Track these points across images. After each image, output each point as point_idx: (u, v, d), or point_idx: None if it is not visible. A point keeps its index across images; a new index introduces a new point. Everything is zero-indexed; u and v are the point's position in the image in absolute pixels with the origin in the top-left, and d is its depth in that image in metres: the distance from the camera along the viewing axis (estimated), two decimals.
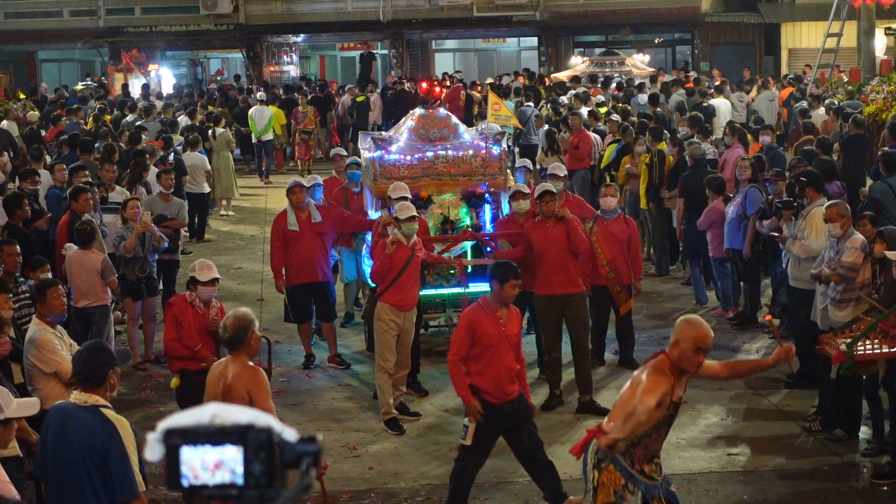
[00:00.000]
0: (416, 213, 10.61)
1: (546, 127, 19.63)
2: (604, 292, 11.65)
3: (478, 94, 27.70)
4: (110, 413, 5.73)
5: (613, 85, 26.23)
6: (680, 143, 15.33)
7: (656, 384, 6.12)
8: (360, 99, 27.64)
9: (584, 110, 20.24)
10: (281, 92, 29.23)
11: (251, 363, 7.07)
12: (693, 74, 28.15)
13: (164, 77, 32.97)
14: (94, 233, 11.05)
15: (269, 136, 25.14)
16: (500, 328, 8.04)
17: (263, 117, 24.93)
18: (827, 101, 20.09)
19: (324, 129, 27.70)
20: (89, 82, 31.52)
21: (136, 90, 29.19)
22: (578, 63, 30.65)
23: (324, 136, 27.58)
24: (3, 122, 21.79)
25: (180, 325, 9.00)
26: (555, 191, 11.11)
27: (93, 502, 5.67)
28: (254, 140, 25.16)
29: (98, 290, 10.92)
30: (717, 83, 24.65)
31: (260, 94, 27.22)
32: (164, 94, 29.92)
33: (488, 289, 12.09)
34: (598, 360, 11.81)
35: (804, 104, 20.62)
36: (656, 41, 34.90)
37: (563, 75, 28.79)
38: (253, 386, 6.88)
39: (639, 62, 29.63)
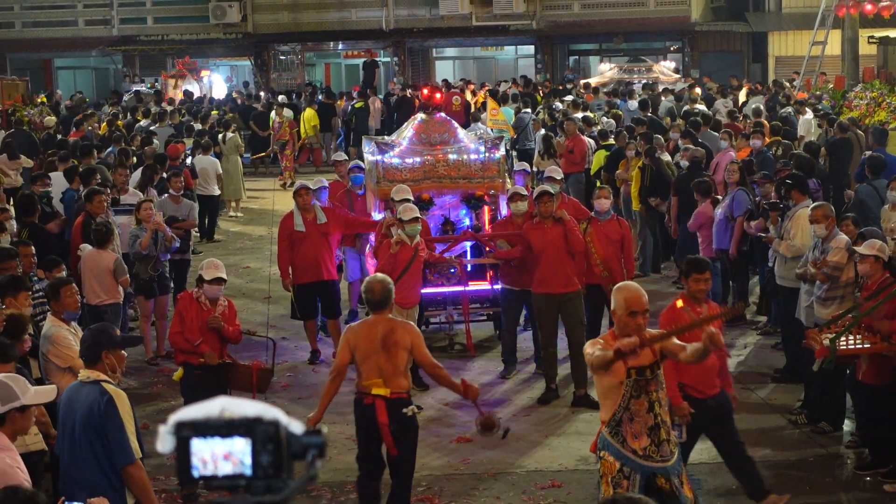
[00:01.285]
0: (418, 215, 10.64)
1: (542, 131, 19.63)
2: (598, 290, 11.63)
3: (470, 96, 27.71)
4: (109, 387, 5.95)
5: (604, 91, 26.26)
6: (653, 152, 15.27)
7: (594, 343, 6.22)
8: (358, 105, 27.56)
9: (579, 115, 20.24)
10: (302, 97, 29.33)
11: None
12: (690, 81, 28.18)
13: (216, 83, 32.92)
14: (109, 234, 11.07)
15: (313, 133, 26.01)
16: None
17: (308, 116, 26.02)
18: (814, 108, 20.10)
19: (328, 133, 27.72)
20: (145, 87, 31.48)
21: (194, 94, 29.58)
22: (607, 70, 30.16)
23: (328, 141, 27.59)
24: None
25: (183, 319, 8.91)
26: (553, 192, 11.11)
27: (96, 469, 5.91)
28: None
29: (111, 288, 10.92)
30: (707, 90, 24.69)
31: (281, 98, 27.44)
32: (215, 100, 30.10)
33: (487, 287, 12.19)
34: None
35: (789, 109, 20.63)
36: (672, 48, 34.33)
37: (593, 81, 28.38)
38: (415, 335, 7.72)
39: (665, 69, 29.12)
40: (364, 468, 7.77)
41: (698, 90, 24.82)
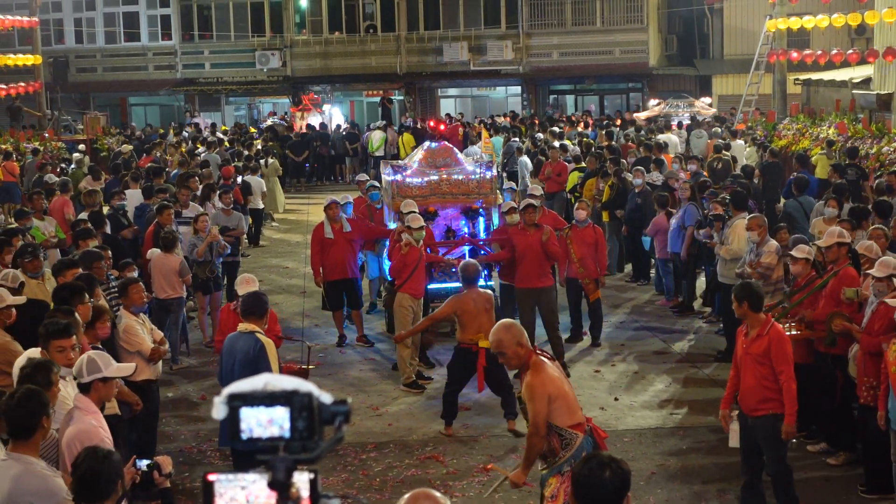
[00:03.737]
0: (424, 223, 10.72)
1: (524, 157, 19.65)
2: (575, 283, 11.70)
3: (475, 132, 27.70)
4: (261, 336, 6.90)
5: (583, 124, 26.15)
6: (619, 173, 15.23)
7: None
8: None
9: (557, 143, 20.21)
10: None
11: None
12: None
13: (335, 115, 32.72)
14: (175, 240, 11.06)
15: (380, 152, 26.33)
16: (742, 344, 6.77)
17: (375, 139, 26.97)
18: (751, 137, 20.07)
19: (355, 157, 27.87)
20: (277, 119, 31.43)
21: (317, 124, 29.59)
22: (654, 105, 29.04)
23: (355, 163, 27.82)
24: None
25: (222, 330, 8.52)
26: (536, 205, 11.13)
27: None
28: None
29: (176, 285, 10.90)
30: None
31: (377, 123, 28.90)
32: (338, 126, 30.07)
33: (484, 284, 12.17)
34: (577, 337, 11.80)
35: (728, 139, 20.60)
36: (632, 89, 33.47)
37: (642, 115, 27.28)
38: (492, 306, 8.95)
39: (704, 104, 28.10)
40: (452, 389, 8.98)
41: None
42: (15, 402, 4.69)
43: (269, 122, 30.50)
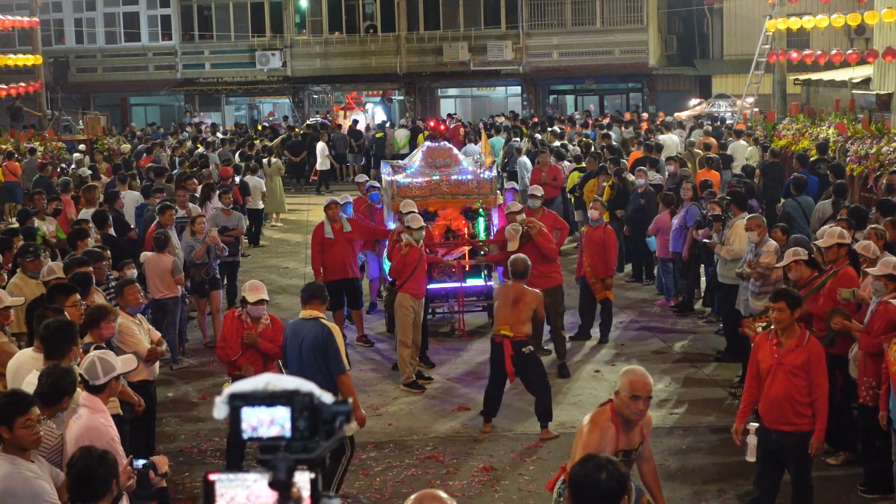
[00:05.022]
0: (424, 224, 10.70)
1: (523, 157, 19.65)
2: (585, 281, 11.74)
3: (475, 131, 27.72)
4: (326, 322, 7.18)
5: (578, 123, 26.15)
6: (620, 173, 15.23)
7: (590, 438, 5.00)
8: (378, 135, 27.81)
9: (557, 143, 20.20)
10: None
11: None
12: (645, 115, 28.01)
13: (377, 113, 32.43)
14: (167, 240, 10.96)
15: (406, 150, 25.97)
16: (772, 354, 6.42)
17: (400, 138, 27.02)
18: (751, 136, 20.07)
19: (357, 154, 27.88)
20: (318, 118, 31.44)
21: (360, 124, 29.34)
22: (696, 104, 28.58)
23: (355, 161, 27.80)
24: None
25: (225, 336, 8.15)
26: (537, 205, 11.17)
27: (319, 376, 6.84)
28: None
29: (170, 285, 10.81)
30: (660, 121, 24.58)
31: (401, 121, 29.24)
32: (375, 125, 30.04)
33: (482, 284, 12.19)
34: (586, 335, 11.80)
35: (731, 138, 20.62)
36: (633, 89, 33.48)
37: (684, 115, 26.93)
38: (538, 304, 8.89)
39: (747, 103, 27.87)
40: (490, 386, 9.04)
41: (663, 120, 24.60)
42: (4, 400, 4.73)
43: (314, 120, 30.18)
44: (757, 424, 6.51)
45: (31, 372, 5.74)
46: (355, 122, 30.15)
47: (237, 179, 17.86)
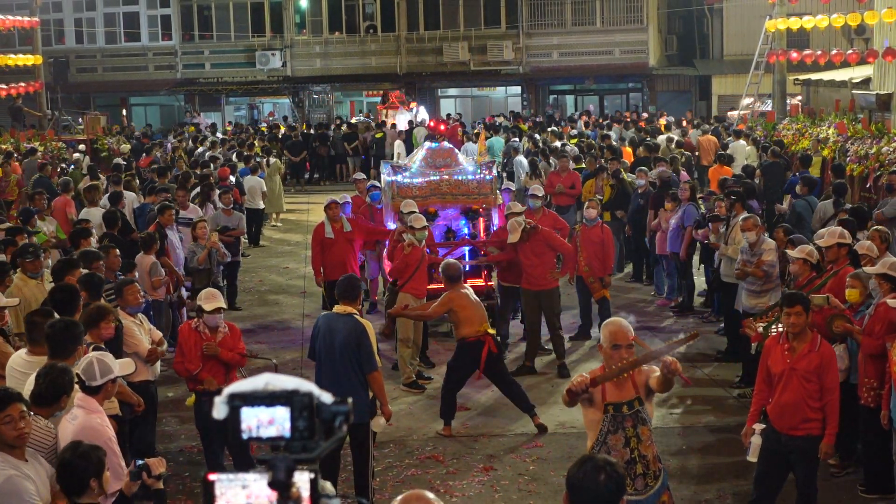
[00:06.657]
0: (426, 224, 10.70)
1: (520, 157, 19.64)
2: (584, 282, 11.73)
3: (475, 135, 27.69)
4: (359, 318, 7.14)
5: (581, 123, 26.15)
6: (619, 174, 15.24)
7: (580, 376, 5.17)
8: (378, 135, 27.80)
9: (557, 143, 20.20)
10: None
11: None
12: (645, 115, 28.05)
13: (420, 112, 32.05)
14: (153, 241, 10.78)
15: None
16: (784, 359, 6.35)
17: (420, 137, 26.06)
18: (751, 137, 20.09)
19: (356, 157, 27.83)
20: (362, 117, 31.16)
21: (401, 124, 28.65)
22: (746, 102, 28.64)
23: (356, 163, 27.74)
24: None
25: (182, 350, 7.60)
26: (537, 205, 11.17)
27: (351, 371, 6.98)
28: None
29: (148, 286, 10.42)
30: (662, 122, 24.60)
31: (419, 120, 28.65)
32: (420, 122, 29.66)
33: (482, 284, 12.18)
34: (586, 335, 11.80)
35: (730, 139, 20.68)
36: (633, 89, 33.41)
37: (734, 114, 26.20)
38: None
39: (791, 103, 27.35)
40: (451, 388, 9.06)
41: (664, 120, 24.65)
42: None
43: (353, 121, 29.84)
44: (764, 426, 6.50)
45: (27, 376, 5.70)
46: (310, 126, 29.51)
47: (232, 179, 17.83)
